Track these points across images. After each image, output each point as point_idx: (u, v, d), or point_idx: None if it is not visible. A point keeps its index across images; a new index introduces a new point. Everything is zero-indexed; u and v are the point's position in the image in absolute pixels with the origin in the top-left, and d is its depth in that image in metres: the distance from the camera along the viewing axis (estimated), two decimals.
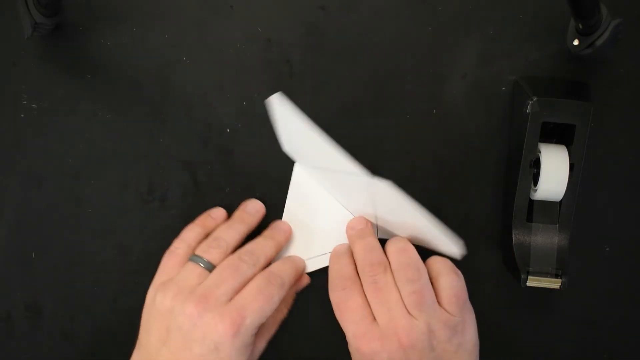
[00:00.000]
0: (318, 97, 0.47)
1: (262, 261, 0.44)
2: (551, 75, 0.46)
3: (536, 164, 0.44)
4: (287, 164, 0.47)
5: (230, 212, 0.47)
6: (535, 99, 0.42)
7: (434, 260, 0.44)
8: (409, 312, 0.41)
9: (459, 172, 0.47)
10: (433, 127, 0.47)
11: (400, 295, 0.41)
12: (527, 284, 0.43)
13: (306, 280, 0.47)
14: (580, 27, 0.42)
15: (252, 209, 0.47)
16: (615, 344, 0.48)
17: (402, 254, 0.43)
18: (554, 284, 0.43)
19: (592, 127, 0.43)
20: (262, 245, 0.45)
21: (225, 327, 0.40)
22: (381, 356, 0.40)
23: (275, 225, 0.47)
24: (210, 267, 0.43)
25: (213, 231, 0.45)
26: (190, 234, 0.45)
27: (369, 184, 0.43)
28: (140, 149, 0.48)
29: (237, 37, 0.47)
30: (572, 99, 0.43)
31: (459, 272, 0.43)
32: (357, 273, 0.44)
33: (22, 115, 0.47)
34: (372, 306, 0.42)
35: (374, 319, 0.41)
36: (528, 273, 0.43)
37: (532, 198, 0.44)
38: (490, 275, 0.47)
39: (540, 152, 0.43)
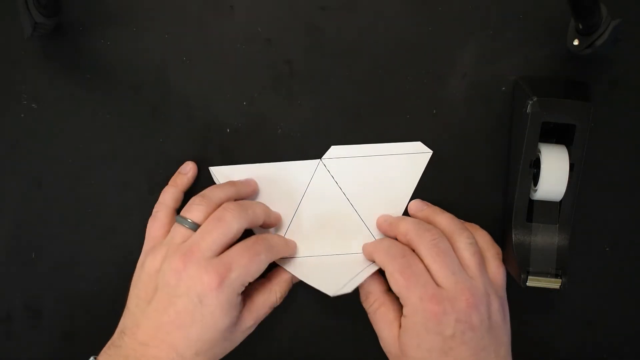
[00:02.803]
0: (318, 97, 0.47)
1: (250, 214, 0.43)
2: (551, 75, 0.46)
3: (536, 164, 0.44)
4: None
5: None
6: (535, 99, 0.42)
7: (476, 233, 0.45)
8: (469, 276, 0.42)
9: (459, 172, 0.47)
10: (433, 127, 0.47)
11: (459, 259, 0.42)
12: (527, 284, 0.43)
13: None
14: (580, 27, 0.42)
15: (243, 179, 0.47)
16: (615, 344, 0.48)
17: (454, 221, 0.45)
18: (554, 284, 0.43)
19: (592, 127, 0.43)
20: (249, 202, 0.45)
21: (210, 278, 0.40)
22: (450, 317, 0.40)
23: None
24: (195, 227, 0.42)
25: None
26: (165, 195, 0.46)
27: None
28: (140, 149, 0.48)
29: (237, 37, 0.47)
30: (572, 99, 0.43)
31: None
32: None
33: (22, 115, 0.47)
34: (434, 270, 0.42)
35: (436, 284, 0.41)
36: (528, 273, 0.43)
37: (532, 198, 0.44)
38: None
39: (540, 152, 0.43)
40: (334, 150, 0.47)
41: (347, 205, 0.47)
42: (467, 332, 0.40)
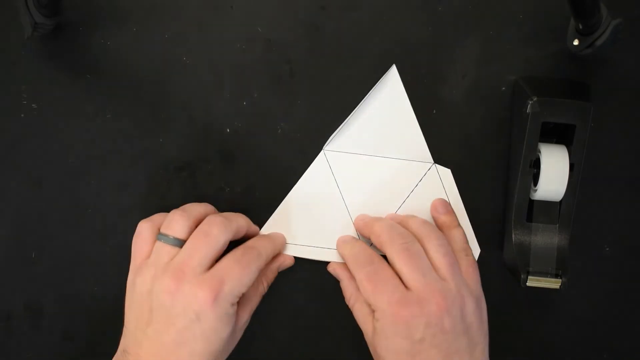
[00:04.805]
0: (318, 97, 0.47)
1: (234, 226, 0.43)
2: (551, 75, 0.46)
3: (536, 164, 0.44)
4: (287, 164, 0.48)
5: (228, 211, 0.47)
6: (535, 99, 0.42)
7: (450, 232, 0.45)
8: (440, 278, 0.41)
9: (459, 172, 0.47)
10: (433, 127, 0.47)
11: (431, 261, 0.42)
12: (527, 284, 0.43)
13: (289, 260, 0.47)
14: (580, 27, 0.42)
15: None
16: (615, 344, 0.48)
17: (425, 224, 0.44)
18: (554, 284, 0.43)
19: (592, 127, 0.43)
20: (233, 214, 0.45)
21: (205, 294, 0.39)
22: (419, 320, 0.40)
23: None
24: (178, 242, 0.42)
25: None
26: (155, 216, 0.45)
27: (422, 168, 0.46)
28: (140, 149, 0.48)
29: (237, 37, 0.47)
30: (572, 99, 0.43)
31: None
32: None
33: (22, 115, 0.47)
34: (405, 274, 0.41)
35: (406, 288, 0.41)
36: (528, 273, 0.43)
37: (532, 198, 0.44)
38: (490, 275, 0.47)
39: (540, 152, 0.43)
40: (337, 142, 0.47)
41: (339, 199, 0.47)
42: (438, 336, 0.40)
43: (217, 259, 0.42)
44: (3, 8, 0.47)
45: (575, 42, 0.43)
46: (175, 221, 0.42)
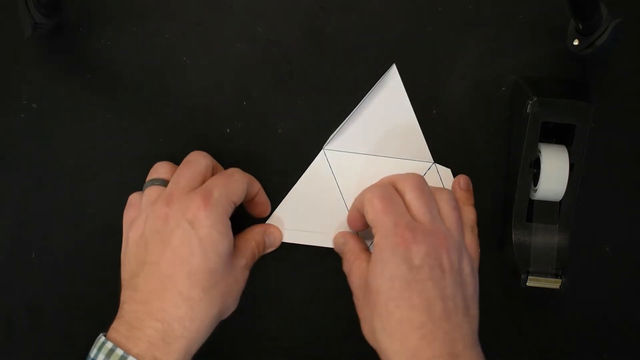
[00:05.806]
0: (318, 97, 0.47)
1: (213, 159, 0.44)
2: (551, 75, 0.47)
3: (536, 164, 0.44)
4: (287, 164, 0.48)
5: None
6: (535, 99, 0.42)
7: (465, 208, 0.45)
8: (446, 225, 0.41)
9: (459, 172, 0.47)
10: (433, 127, 0.47)
11: (439, 209, 0.42)
12: (527, 284, 0.43)
13: (274, 227, 0.47)
14: (580, 27, 0.42)
15: None
16: (615, 344, 0.48)
17: (439, 186, 0.45)
18: (554, 284, 0.43)
19: (592, 127, 0.43)
20: None
21: (196, 201, 0.40)
22: (420, 247, 0.39)
23: None
24: (164, 182, 0.43)
25: None
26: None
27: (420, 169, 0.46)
28: (140, 149, 0.48)
29: (237, 37, 0.47)
30: (572, 99, 0.43)
31: None
32: None
33: (22, 115, 0.47)
34: (414, 207, 0.41)
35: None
36: (528, 273, 0.43)
37: (532, 198, 0.45)
38: (490, 275, 0.47)
39: (540, 152, 0.43)
40: (337, 142, 0.47)
41: (339, 198, 0.47)
42: (435, 270, 0.39)
43: None
44: (3, 8, 0.47)
45: (575, 42, 0.43)
46: (159, 166, 0.44)
